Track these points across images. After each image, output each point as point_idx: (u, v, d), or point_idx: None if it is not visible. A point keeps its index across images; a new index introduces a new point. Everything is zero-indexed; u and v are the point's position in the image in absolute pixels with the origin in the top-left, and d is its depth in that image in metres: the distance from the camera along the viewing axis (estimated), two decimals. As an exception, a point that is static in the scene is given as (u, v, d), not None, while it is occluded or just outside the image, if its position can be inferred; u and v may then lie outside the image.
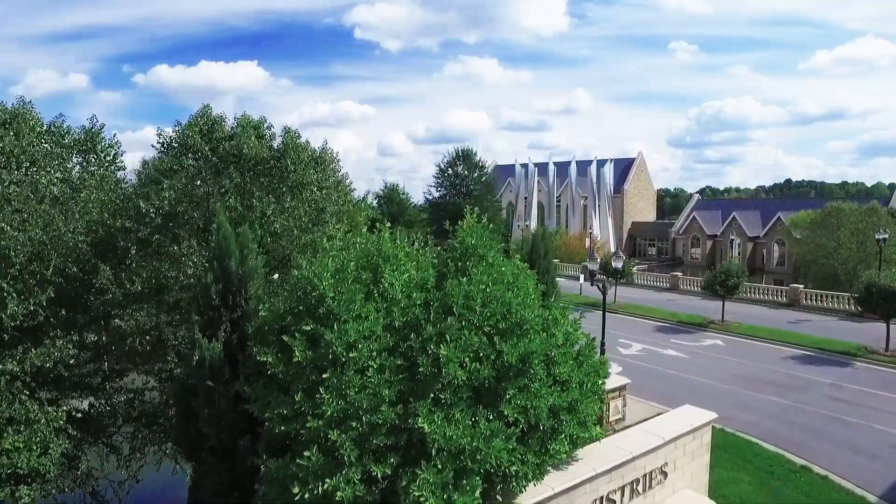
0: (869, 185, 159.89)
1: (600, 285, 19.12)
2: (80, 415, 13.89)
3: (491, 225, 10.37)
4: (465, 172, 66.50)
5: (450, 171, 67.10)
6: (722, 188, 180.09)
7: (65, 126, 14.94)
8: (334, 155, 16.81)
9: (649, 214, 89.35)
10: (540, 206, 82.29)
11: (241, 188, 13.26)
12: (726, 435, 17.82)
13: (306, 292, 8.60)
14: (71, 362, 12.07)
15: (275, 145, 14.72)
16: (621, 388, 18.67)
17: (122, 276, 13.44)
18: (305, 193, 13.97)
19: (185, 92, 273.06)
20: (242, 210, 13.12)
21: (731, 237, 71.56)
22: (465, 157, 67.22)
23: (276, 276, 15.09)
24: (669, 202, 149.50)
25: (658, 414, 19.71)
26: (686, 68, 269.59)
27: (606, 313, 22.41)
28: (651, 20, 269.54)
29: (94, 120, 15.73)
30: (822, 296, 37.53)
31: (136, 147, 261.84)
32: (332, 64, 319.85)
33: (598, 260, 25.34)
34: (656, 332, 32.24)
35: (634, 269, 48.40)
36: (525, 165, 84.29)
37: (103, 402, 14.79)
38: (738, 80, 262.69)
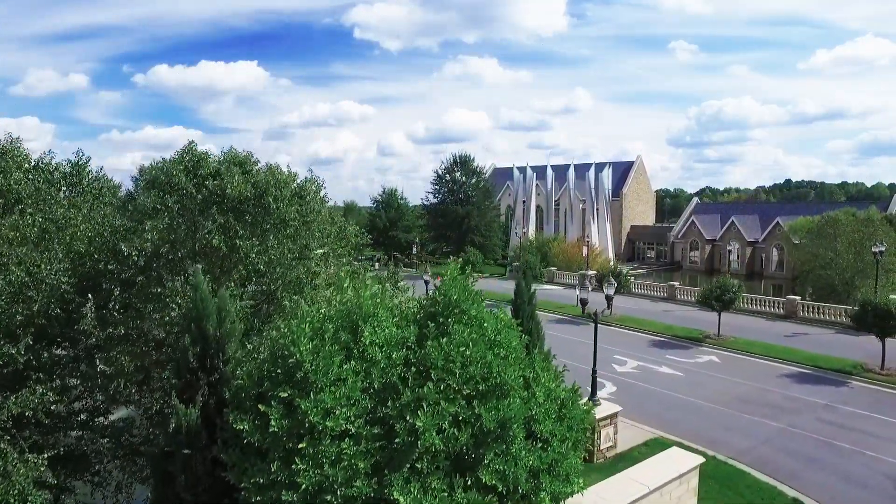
0: (869, 185, 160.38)
1: (592, 314, 19.04)
2: (63, 451, 13.75)
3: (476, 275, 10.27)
4: (463, 178, 66.47)
5: (447, 177, 67.04)
6: (722, 188, 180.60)
7: (53, 162, 14.92)
8: (321, 184, 16.59)
9: (648, 218, 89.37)
10: (538, 210, 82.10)
11: (224, 227, 13.16)
12: (718, 463, 17.68)
13: (284, 356, 8.50)
14: (52, 408, 11.95)
15: (261, 179, 14.54)
16: (612, 416, 18.67)
17: (105, 315, 13.33)
18: (288, 230, 13.85)
19: (185, 92, 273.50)
20: (226, 251, 13.03)
21: (728, 246, 71.46)
22: (462, 163, 67.15)
23: (264, 307, 14.98)
24: (669, 202, 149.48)
25: (651, 439, 19.74)
26: (686, 68, 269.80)
27: (601, 326, 22.24)
28: (651, 20, 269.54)
29: (80, 153, 15.79)
30: (819, 308, 37.32)
31: (137, 147, 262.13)
32: (331, 64, 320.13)
33: (589, 288, 25.24)
34: (651, 348, 32.13)
35: (631, 278, 48.19)
36: (523, 169, 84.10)
37: (89, 435, 14.66)
38: (737, 80, 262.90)
